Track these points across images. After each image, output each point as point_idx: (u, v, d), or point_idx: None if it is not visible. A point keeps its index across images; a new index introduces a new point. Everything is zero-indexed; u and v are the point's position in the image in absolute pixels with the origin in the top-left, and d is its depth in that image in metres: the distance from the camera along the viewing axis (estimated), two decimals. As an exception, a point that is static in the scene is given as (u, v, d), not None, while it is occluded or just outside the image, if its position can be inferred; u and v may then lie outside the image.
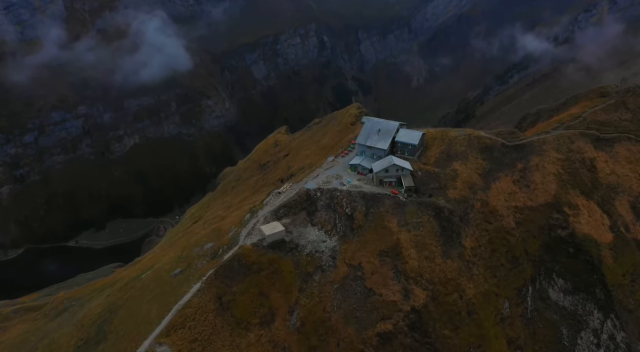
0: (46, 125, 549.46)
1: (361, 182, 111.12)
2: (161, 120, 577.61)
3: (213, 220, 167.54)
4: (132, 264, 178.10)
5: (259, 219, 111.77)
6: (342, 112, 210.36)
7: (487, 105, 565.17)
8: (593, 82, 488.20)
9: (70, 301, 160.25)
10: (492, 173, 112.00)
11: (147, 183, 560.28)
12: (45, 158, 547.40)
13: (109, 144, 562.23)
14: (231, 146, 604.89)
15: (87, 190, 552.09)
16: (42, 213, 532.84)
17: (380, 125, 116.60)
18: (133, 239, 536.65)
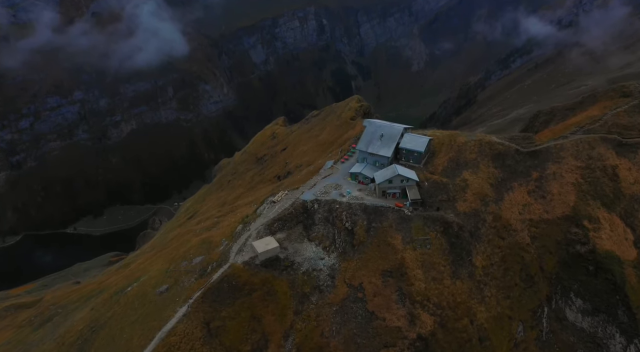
0: (42, 111, 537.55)
1: (362, 192, 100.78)
2: (158, 105, 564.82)
3: (206, 220, 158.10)
4: (123, 267, 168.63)
5: (251, 233, 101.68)
6: (342, 105, 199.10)
7: (488, 90, 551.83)
8: (597, 66, 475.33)
9: (56, 308, 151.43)
10: (505, 183, 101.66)
11: (145, 169, 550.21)
12: (42, 144, 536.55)
13: (105, 130, 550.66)
14: (229, 132, 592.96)
15: (84, 176, 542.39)
16: (39, 200, 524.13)
17: (383, 129, 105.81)
18: (131, 225, 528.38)
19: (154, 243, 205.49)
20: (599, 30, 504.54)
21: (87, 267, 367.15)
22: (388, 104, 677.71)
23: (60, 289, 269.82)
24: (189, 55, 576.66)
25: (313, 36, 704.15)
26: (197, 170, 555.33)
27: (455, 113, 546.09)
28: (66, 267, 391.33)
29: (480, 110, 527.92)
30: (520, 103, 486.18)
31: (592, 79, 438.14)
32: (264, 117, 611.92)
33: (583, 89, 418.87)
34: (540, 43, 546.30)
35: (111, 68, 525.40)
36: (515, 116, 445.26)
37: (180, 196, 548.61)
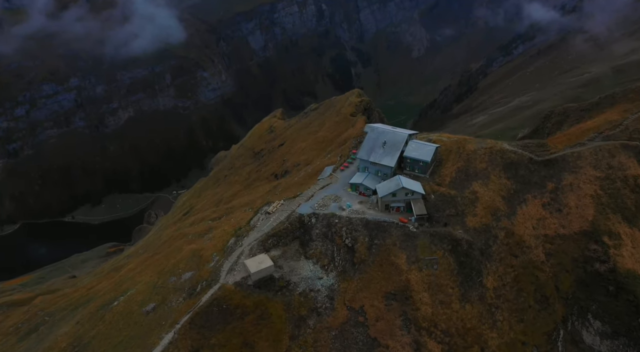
0: (37, 98, 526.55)
1: (363, 205, 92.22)
2: (156, 93, 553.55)
3: (200, 222, 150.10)
4: (114, 270, 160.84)
5: (243, 249, 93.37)
6: (342, 99, 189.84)
7: (490, 77, 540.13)
8: (601, 53, 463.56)
9: (43, 316, 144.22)
10: (518, 195, 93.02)
11: (143, 157, 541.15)
12: (38, 132, 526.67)
13: (102, 117, 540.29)
14: (228, 119, 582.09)
15: (82, 165, 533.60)
16: (36, 188, 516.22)
17: (386, 136, 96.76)
18: (130, 214, 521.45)
19: (147, 242, 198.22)
20: (603, 15, 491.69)
21: (84, 258, 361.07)
22: (388, 91, 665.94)
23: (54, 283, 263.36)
24: (187, 41, 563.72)
25: (312, 21, 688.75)
26: (195, 158, 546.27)
27: (455, 100, 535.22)
28: (64, 257, 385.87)
29: (482, 98, 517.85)
30: (523, 91, 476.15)
31: (595, 66, 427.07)
32: (263, 104, 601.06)
33: (586, 77, 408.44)
34: (543, 29, 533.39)
35: (107, 55, 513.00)
36: (517, 104, 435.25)
37: (178, 185, 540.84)
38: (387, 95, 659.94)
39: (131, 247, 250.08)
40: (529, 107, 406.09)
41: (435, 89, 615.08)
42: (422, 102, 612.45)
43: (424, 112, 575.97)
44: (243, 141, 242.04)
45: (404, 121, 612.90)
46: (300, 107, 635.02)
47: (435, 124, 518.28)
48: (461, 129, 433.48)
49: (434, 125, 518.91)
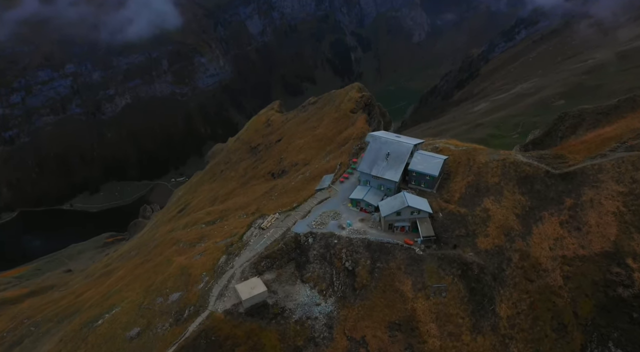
0: (33, 85, 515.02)
1: (365, 224, 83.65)
2: (153, 79, 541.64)
3: (193, 226, 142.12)
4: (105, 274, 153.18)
5: (234, 272, 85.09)
6: (341, 93, 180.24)
7: (492, 63, 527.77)
8: (605, 39, 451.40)
9: (29, 326, 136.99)
10: (534, 212, 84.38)
11: (141, 145, 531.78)
12: (34, 119, 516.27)
13: (99, 104, 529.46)
14: (226, 106, 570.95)
15: (79, 152, 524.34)
16: (34, 176, 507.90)
17: (390, 147, 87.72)
18: (128, 202, 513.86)
19: (140, 241, 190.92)
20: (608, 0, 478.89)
21: (82, 249, 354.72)
22: (388, 77, 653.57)
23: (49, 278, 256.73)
24: (183, 26, 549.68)
25: (311, 5, 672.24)
26: (193, 146, 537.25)
27: (457, 87, 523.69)
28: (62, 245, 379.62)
29: (483, 84, 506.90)
30: (525, 77, 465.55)
31: (600, 52, 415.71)
32: (262, 91, 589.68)
33: (590, 63, 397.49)
34: (547, 13, 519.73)
35: (102, 40, 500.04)
36: (519, 91, 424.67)
37: (177, 172, 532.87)
38: (388, 80, 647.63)
39: (125, 244, 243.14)
40: (531, 94, 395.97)
41: (436, 75, 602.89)
42: (423, 87, 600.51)
43: (424, 99, 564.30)
44: (240, 134, 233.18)
45: (404, 107, 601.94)
46: (299, 93, 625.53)
47: (435, 111, 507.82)
48: (462, 117, 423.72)
49: (434, 112, 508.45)
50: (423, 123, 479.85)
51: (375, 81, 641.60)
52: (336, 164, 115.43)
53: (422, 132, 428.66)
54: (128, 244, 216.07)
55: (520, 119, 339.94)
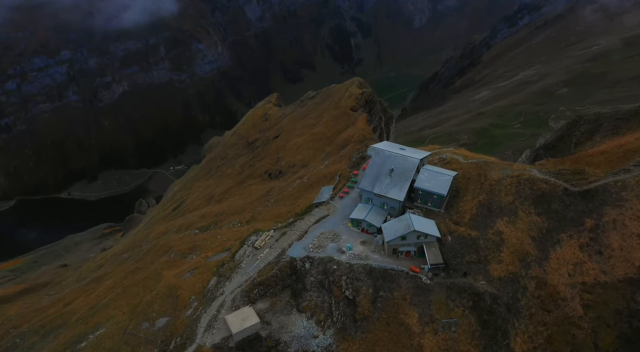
0: (28, 71, 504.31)
1: (367, 247, 75.84)
2: (150, 66, 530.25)
3: (187, 229, 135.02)
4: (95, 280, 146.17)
5: (224, 299, 77.58)
6: (341, 88, 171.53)
7: (494, 49, 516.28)
8: (611, 25, 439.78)
9: (14, 337, 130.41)
10: (551, 235, 76.48)
11: (139, 133, 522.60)
12: (30, 106, 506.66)
13: (96, 91, 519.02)
14: (225, 93, 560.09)
15: (77, 140, 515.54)
16: (31, 164, 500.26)
17: (394, 161, 79.40)
18: (127, 190, 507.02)
19: (134, 240, 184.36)
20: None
21: (79, 240, 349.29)
22: (388, 63, 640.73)
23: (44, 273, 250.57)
24: (180, 11, 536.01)
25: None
26: (192, 133, 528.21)
27: (458, 74, 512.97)
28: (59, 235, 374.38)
29: (485, 71, 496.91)
30: (528, 64, 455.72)
31: (604, 38, 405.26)
32: (260, 77, 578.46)
33: (595, 49, 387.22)
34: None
35: (98, 27, 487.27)
36: (522, 78, 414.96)
37: (175, 160, 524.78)
38: (388, 67, 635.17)
39: (120, 241, 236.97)
40: (534, 82, 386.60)
41: (437, 61, 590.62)
42: (424, 74, 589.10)
43: (425, 86, 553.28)
44: (237, 128, 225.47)
45: (404, 94, 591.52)
46: (298, 80, 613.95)
47: (436, 99, 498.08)
48: (463, 105, 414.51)
49: (435, 100, 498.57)
50: (423, 111, 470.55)
51: (375, 67, 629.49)
52: (335, 171, 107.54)
53: (422, 121, 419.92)
54: (122, 243, 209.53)
55: (522, 108, 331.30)
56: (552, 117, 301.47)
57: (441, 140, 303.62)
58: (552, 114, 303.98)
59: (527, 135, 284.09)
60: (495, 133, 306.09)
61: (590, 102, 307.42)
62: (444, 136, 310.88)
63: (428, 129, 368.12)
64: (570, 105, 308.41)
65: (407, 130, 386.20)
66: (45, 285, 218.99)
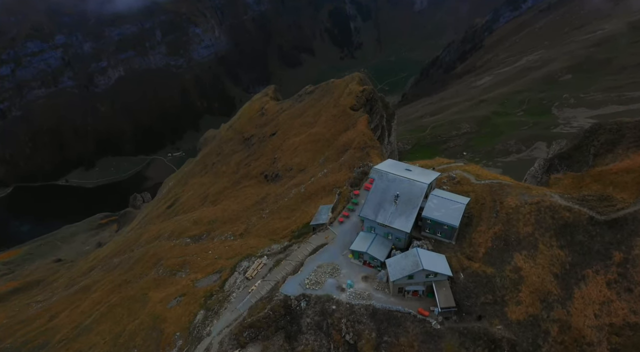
0: (22, 56, 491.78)
1: (369, 284, 67.11)
2: (146, 50, 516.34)
3: (179, 236, 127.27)
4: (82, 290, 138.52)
5: (211, 342, 69.35)
6: (340, 85, 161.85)
7: (496, 33, 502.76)
8: (616, 8, 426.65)
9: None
10: (575, 270, 67.80)
11: (136, 119, 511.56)
12: (25, 92, 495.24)
13: (92, 76, 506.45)
14: (222, 78, 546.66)
15: (73, 126, 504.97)
16: (27, 151, 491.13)
17: (399, 186, 70.08)
18: (125, 177, 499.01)
19: (126, 241, 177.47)
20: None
21: (75, 231, 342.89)
22: (389, 47, 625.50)
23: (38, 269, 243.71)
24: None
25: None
26: (190, 119, 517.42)
27: (459, 58, 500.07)
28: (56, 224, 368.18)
29: (487, 56, 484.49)
30: (531, 49, 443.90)
31: (610, 22, 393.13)
32: (259, 62, 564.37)
33: (600, 34, 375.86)
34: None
35: (91, 11, 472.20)
36: (524, 64, 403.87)
37: (173, 147, 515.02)
38: (388, 51, 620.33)
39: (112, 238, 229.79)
40: (537, 68, 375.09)
41: (438, 45, 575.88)
42: (424, 58, 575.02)
43: (425, 71, 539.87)
44: (232, 122, 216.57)
45: (405, 79, 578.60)
46: (297, 64, 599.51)
47: (437, 85, 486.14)
48: (465, 91, 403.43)
49: (435, 85, 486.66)
50: (424, 97, 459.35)
51: (375, 51, 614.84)
52: (334, 182, 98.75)
53: (423, 108, 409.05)
54: (115, 242, 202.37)
55: (525, 95, 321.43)
56: (555, 105, 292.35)
57: (442, 129, 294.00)
58: (556, 101, 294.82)
59: (530, 123, 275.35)
60: (498, 121, 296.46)
61: (595, 89, 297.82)
62: (445, 125, 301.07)
63: (429, 116, 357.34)
64: (574, 92, 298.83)
65: (408, 118, 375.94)
66: (37, 283, 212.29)
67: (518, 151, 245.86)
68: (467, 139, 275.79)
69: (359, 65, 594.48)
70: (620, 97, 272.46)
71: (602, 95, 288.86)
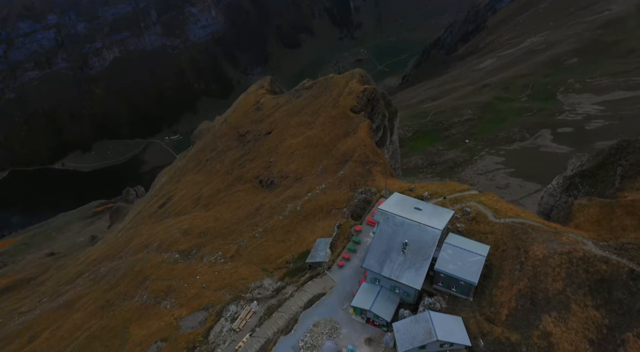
0: (14, 37, 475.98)
1: (373, 349, 57.34)
2: (142, 31, 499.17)
3: (168, 246, 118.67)
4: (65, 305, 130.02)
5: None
6: (340, 82, 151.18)
7: (499, 14, 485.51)
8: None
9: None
10: (614, 335, 57.59)
11: (132, 101, 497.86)
12: (19, 74, 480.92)
13: (86, 58, 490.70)
14: (220, 60, 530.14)
15: (68, 109, 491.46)
16: (22, 134, 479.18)
17: (408, 232, 59.34)
18: (122, 161, 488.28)
19: (116, 245, 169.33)
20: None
21: (69, 219, 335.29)
22: (389, 27, 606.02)
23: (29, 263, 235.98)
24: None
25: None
26: (187, 102, 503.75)
27: (461, 40, 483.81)
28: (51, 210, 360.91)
29: (490, 38, 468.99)
30: (535, 30, 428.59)
31: (617, 2, 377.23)
32: (257, 43, 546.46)
33: (607, 15, 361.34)
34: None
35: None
36: (528, 46, 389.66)
37: (170, 130, 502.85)
38: (388, 31, 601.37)
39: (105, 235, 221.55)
40: (542, 50, 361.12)
41: (440, 25, 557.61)
42: (426, 38, 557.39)
43: (426, 52, 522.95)
44: (227, 115, 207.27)
45: (406, 59, 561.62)
46: (296, 45, 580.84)
47: (439, 67, 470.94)
48: (467, 74, 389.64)
49: (437, 68, 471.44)
50: (425, 80, 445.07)
51: (376, 32, 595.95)
52: (333, 202, 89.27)
53: (424, 92, 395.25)
54: (105, 243, 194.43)
55: (529, 80, 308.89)
56: (560, 90, 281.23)
57: (444, 116, 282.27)
58: (561, 86, 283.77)
59: (534, 110, 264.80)
60: (501, 107, 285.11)
61: (602, 73, 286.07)
62: (447, 111, 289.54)
63: (430, 101, 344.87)
64: (580, 77, 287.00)
65: (409, 102, 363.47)
66: (28, 281, 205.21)
67: (522, 139, 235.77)
68: (470, 126, 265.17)
69: (358, 45, 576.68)
70: (628, 83, 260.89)
71: (608, 80, 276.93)
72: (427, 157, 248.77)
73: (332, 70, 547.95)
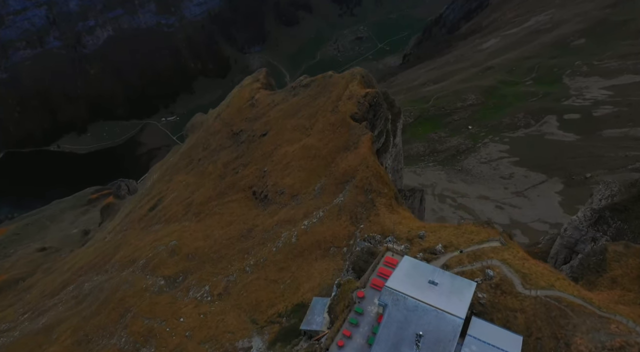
0: (5, 15, 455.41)
1: None
2: (135, 8, 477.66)
3: (155, 267, 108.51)
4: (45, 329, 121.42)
5: None
6: (340, 82, 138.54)
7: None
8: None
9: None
10: None
11: (127, 81, 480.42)
12: (11, 53, 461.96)
13: (79, 36, 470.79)
14: (216, 38, 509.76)
15: (62, 89, 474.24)
16: (16, 115, 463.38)
17: (422, 320, 47.77)
18: (118, 143, 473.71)
19: (103, 252, 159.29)
20: None
21: (64, 207, 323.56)
22: (389, 3, 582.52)
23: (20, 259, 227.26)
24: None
25: None
26: (183, 81, 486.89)
27: (464, 18, 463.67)
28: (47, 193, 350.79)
29: (494, 15, 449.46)
30: (540, 7, 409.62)
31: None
32: (254, 21, 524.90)
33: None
34: None
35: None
36: (533, 25, 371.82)
37: (167, 111, 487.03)
38: (388, 7, 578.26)
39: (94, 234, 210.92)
40: (547, 30, 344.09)
41: (442, 1, 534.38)
42: (427, 15, 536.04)
43: (428, 29, 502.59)
44: (221, 110, 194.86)
45: (406, 37, 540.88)
46: (294, 22, 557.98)
47: (440, 46, 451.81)
48: (470, 55, 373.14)
49: (439, 47, 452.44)
50: (427, 60, 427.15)
51: (375, 8, 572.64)
52: (332, 236, 78.84)
53: (425, 73, 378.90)
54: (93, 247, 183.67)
55: (535, 62, 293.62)
56: (567, 73, 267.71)
57: (447, 100, 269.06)
58: (568, 69, 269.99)
59: (540, 94, 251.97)
60: (505, 92, 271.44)
61: (610, 55, 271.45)
62: (450, 95, 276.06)
63: (432, 83, 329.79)
64: (588, 59, 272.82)
65: (410, 85, 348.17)
66: (16, 281, 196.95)
67: (527, 126, 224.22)
68: (473, 112, 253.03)
69: (358, 23, 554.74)
70: (637, 66, 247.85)
71: (617, 63, 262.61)
72: (429, 145, 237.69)
73: (331, 49, 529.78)
